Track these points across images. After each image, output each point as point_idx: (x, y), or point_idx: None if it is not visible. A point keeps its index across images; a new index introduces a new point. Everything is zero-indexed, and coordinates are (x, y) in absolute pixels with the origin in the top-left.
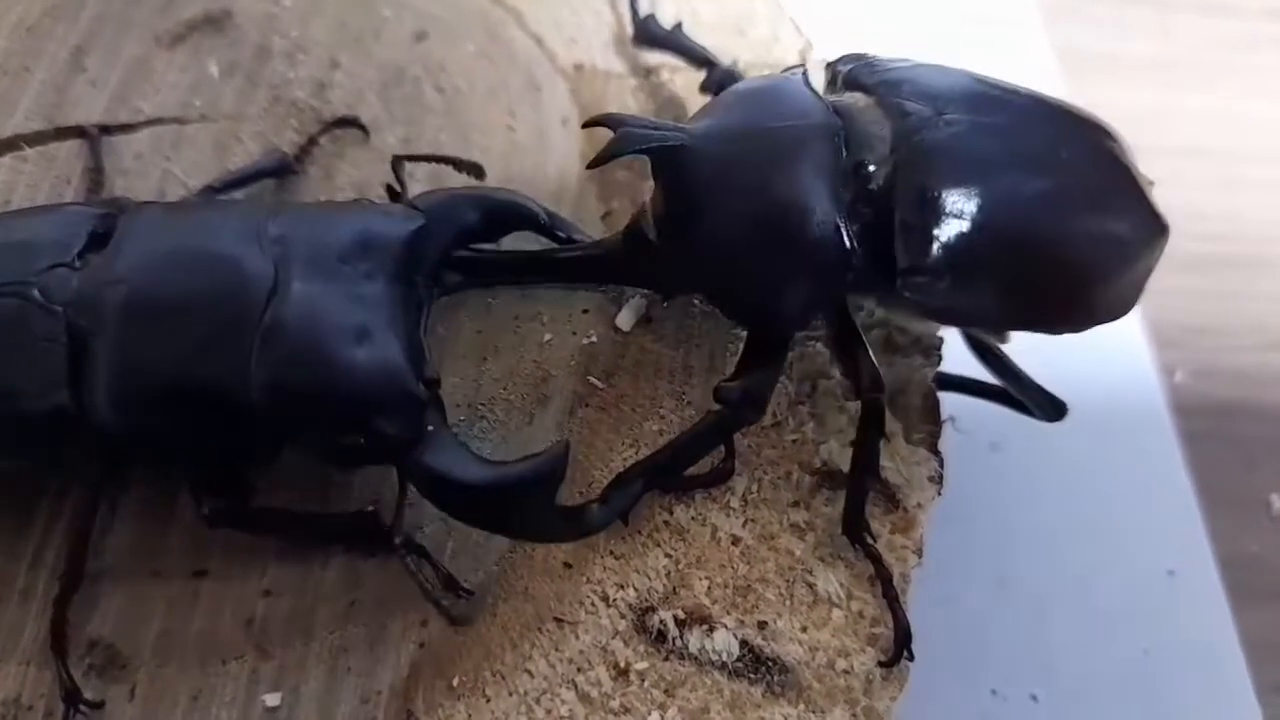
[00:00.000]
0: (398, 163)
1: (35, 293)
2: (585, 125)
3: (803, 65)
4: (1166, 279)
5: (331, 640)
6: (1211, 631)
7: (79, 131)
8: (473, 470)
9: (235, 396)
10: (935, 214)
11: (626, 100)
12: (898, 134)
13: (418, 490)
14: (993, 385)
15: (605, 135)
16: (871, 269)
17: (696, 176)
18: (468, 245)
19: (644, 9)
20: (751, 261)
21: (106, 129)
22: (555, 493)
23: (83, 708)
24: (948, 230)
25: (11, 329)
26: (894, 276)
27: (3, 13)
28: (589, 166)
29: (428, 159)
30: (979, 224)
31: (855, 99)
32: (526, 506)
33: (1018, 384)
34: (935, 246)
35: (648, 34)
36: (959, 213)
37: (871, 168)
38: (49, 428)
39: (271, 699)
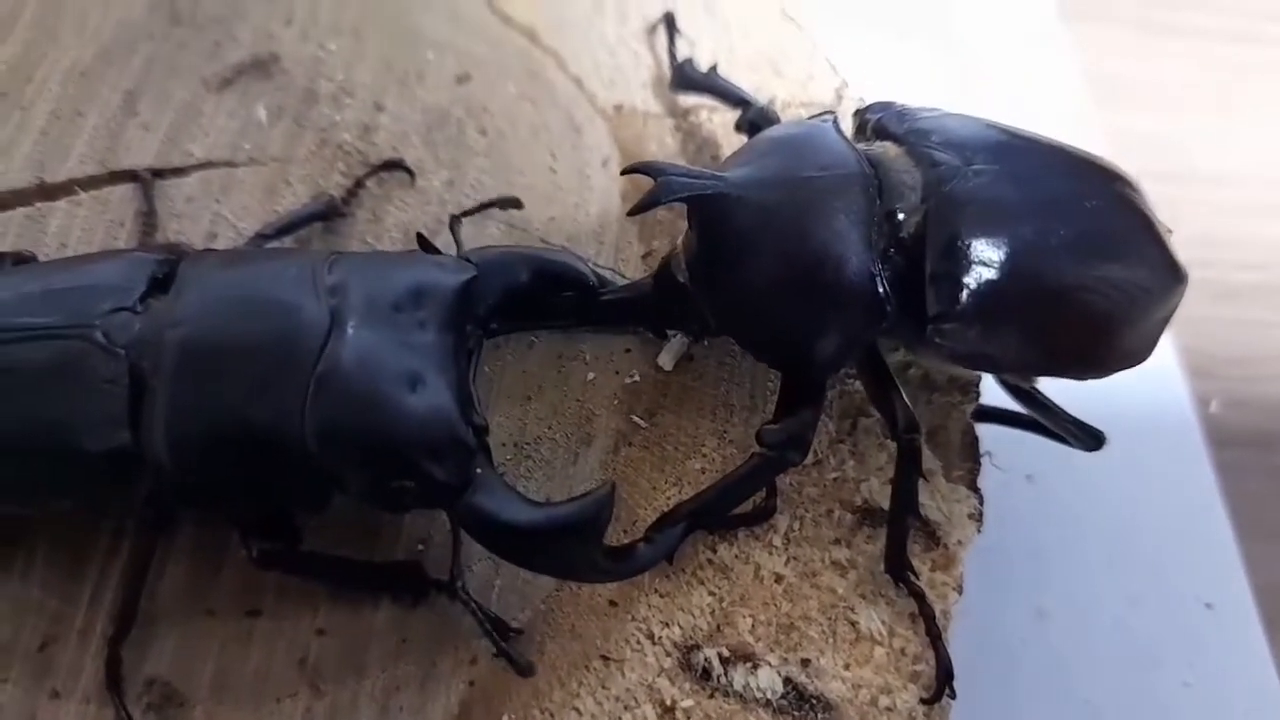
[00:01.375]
0: (455, 222)
1: (98, 335)
2: (624, 172)
3: (833, 112)
4: (1201, 308)
5: (383, 678)
6: (1250, 663)
7: (131, 176)
8: (521, 513)
9: (289, 440)
10: (965, 263)
11: (665, 140)
12: (928, 183)
13: (467, 532)
14: (1032, 416)
15: (647, 176)
16: (902, 316)
17: (733, 224)
18: (516, 301)
19: (681, 52)
20: (786, 308)
21: (158, 173)
22: (602, 534)
23: None
24: (977, 280)
25: (74, 370)
26: (924, 323)
27: (57, 59)
28: (629, 214)
29: (476, 210)
30: (1007, 273)
31: (886, 148)
32: (574, 547)
33: (1053, 418)
34: (965, 295)
35: (685, 78)
36: (988, 262)
37: (902, 216)
38: (109, 468)
39: None
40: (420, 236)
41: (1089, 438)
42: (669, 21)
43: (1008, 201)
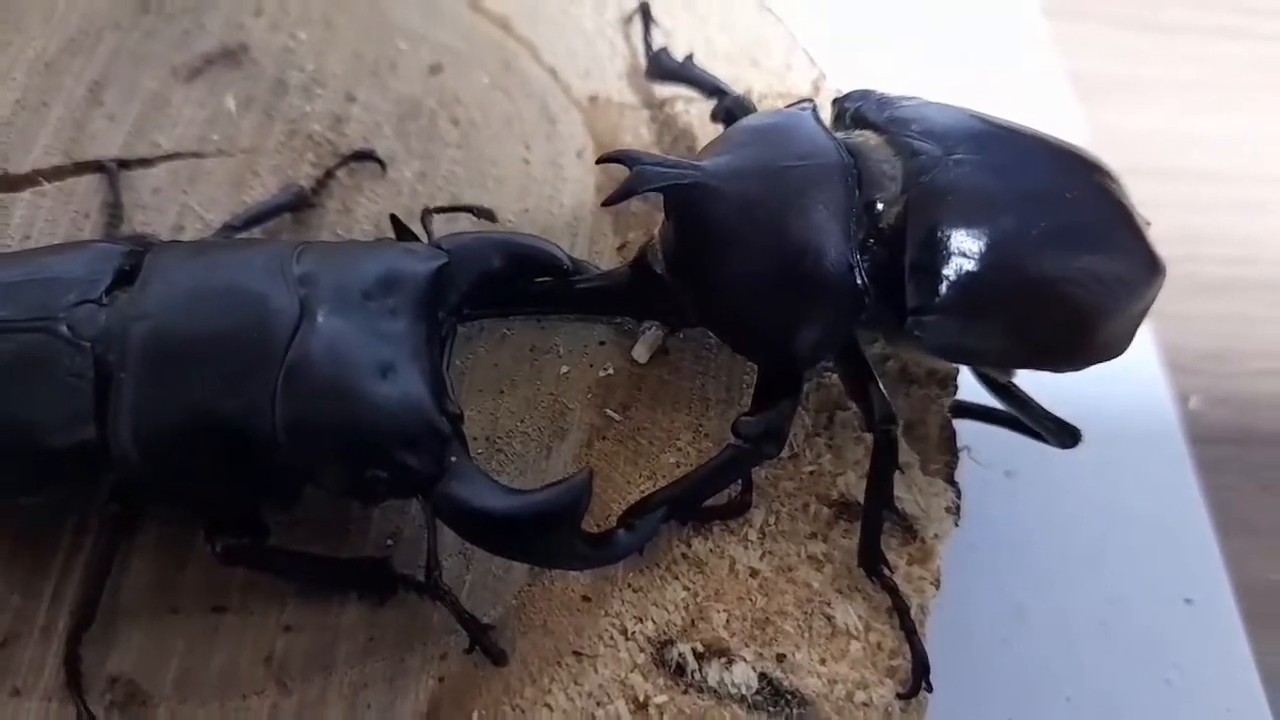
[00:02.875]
0: (427, 215)
1: (63, 328)
2: (599, 161)
3: (812, 100)
4: (1181, 304)
5: (352, 675)
6: (1231, 660)
7: (97, 166)
8: (498, 499)
9: (259, 433)
10: (945, 255)
11: (641, 131)
12: (908, 173)
13: (443, 521)
14: (1009, 413)
15: (621, 168)
16: (881, 307)
17: (710, 214)
18: (490, 287)
19: (657, 41)
20: (764, 300)
21: (124, 164)
22: (580, 520)
23: None
24: (956, 271)
25: (38, 364)
26: (903, 315)
27: (22, 48)
28: (604, 204)
29: (452, 209)
30: (987, 265)
31: (865, 137)
32: (552, 534)
33: (1030, 414)
34: (944, 287)
35: (660, 67)
36: (968, 254)
37: (882, 207)
38: (74, 463)
39: None
40: (395, 218)
41: (1065, 434)
42: (645, 11)
43: (988, 192)
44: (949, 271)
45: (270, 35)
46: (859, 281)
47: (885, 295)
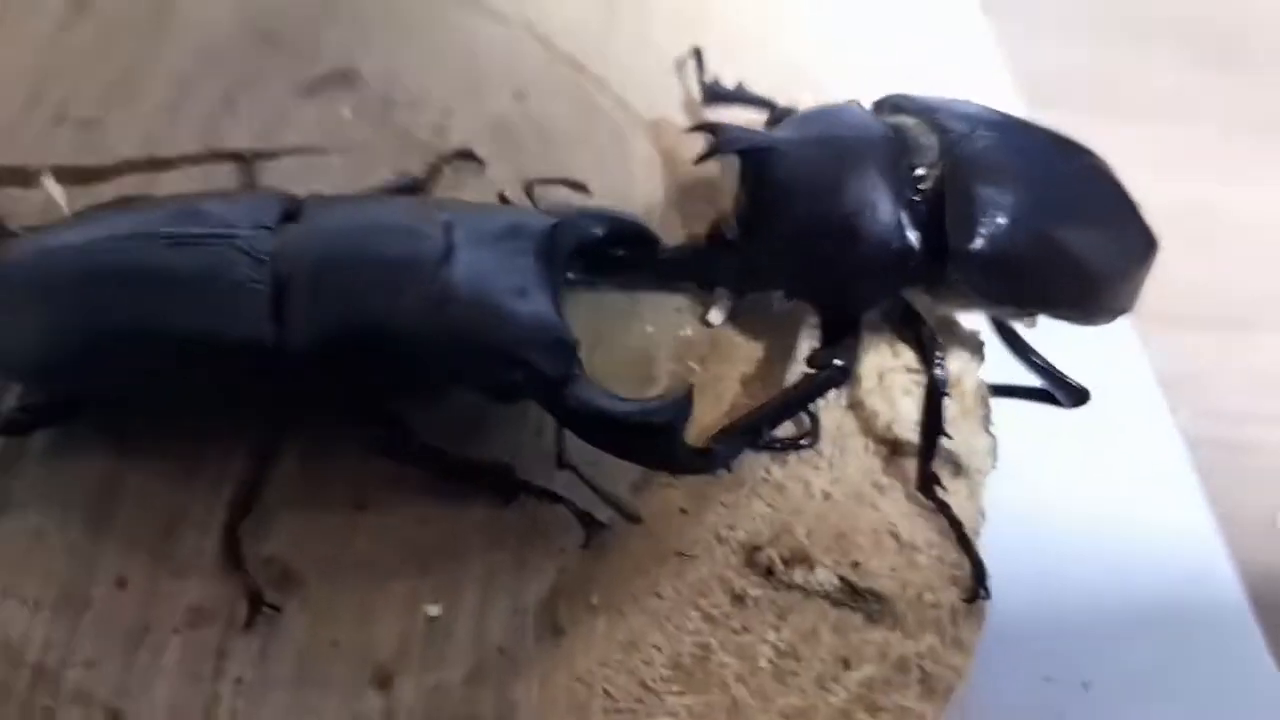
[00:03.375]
0: (529, 186)
1: (244, 243)
2: (690, 130)
3: (856, 100)
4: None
5: (483, 562)
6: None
7: (233, 155)
8: (617, 404)
9: (418, 336)
10: (978, 207)
11: (697, 148)
12: (943, 146)
13: (567, 424)
14: (1022, 386)
15: (684, 175)
16: (925, 256)
17: (781, 174)
18: (588, 252)
19: (708, 77)
20: (828, 249)
21: (257, 154)
22: (684, 423)
23: (265, 610)
24: (988, 220)
25: (222, 271)
26: (943, 262)
27: (160, 66)
28: (695, 162)
29: (549, 181)
30: (1012, 216)
31: (903, 120)
32: (661, 437)
33: (1044, 373)
34: (978, 233)
35: (714, 93)
36: (997, 205)
37: (922, 171)
38: (252, 358)
39: (432, 609)
40: (502, 195)
41: (1074, 392)
42: (698, 54)
43: (1009, 162)
44: (982, 220)
45: (376, 63)
46: (907, 232)
47: (928, 245)
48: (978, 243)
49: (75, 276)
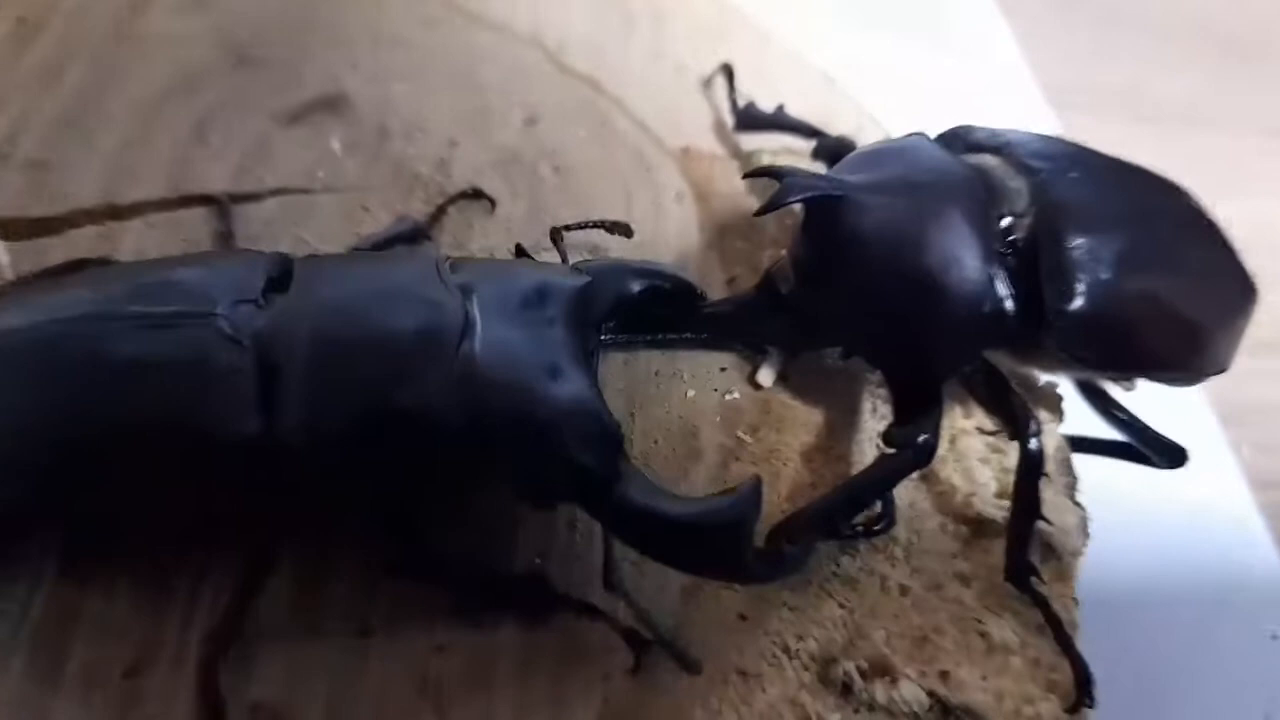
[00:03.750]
0: (556, 234)
1: (223, 325)
2: (745, 176)
3: (922, 132)
4: None
5: (512, 697)
6: None
7: (205, 199)
8: (676, 506)
9: (435, 424)
10: (1078, 262)
11: (733, 181)
12: (1034, 189)
13: (613, 527)
14: (1111, 441)
15: (720, 208)
16: (1018, 317)
17: (854, 226)
18: (624, 311)
19: (741, 99)
20: (909, 310)
21: (234, 198)
22: (754, 527)
23: None
24: (1089, 276)
25: (198, 358)
26: (1037, 324)
27: (121, 88)
28: (756, 214)
29: (582, 226)
30: (1115, 273)
31: (983, 159)
32: (727, 543)
33: (1138, 434)
34: (1078, 292)
35: (750, 118)
36: (1098, 260)
37: (1011, 220)
38: (237, 457)
39: None
40: (520, 248)
41: (1171, 453)
42: (728, 71)
43: (1108, 206)
44: (1081, 276)
45: (366, 86)
46: (999, 290)
47: (1019, 304)
48: (1077, 303)
49: (18, 367)
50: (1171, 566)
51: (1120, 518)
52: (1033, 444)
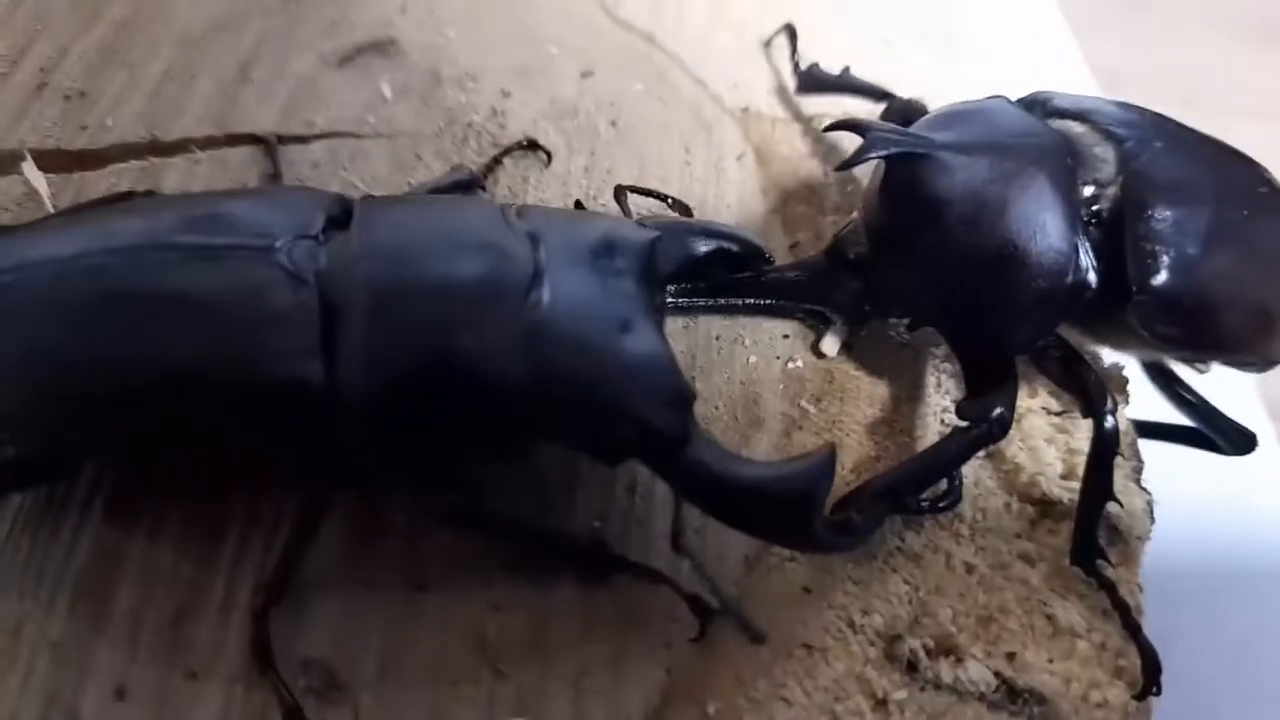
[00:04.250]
0: (620, 192)
1: (283, 259)
2: (828, 129)
3: (1003, 95)
4: None
5: (572, 660)
6: None
7: (253, 139)
8: (748, 469)
9: (501, 378)
10: (1164, 235)
11: (795, 144)
12: (1121, 158)
13: (682, 488)
14: (1180, 427)
15: (782, 171)
16: (1099, 290)
17: (939, 187)
18: (691, 272)
19: (804, 60)
20: (989, 278)
21: (281, 139)
22: (827, 494)
23: None
24: (1175, 250)
25: (256, 295)
26: (1119, 298)
27: (167, 24)
28: (837, 169)
29: (647, 193)
30: (1202, 246)
31: (1068, 125)
32: (796, 510)
33: (1207, 418)
34: (1164, 266)
35: (814, 80)
36: (1185, 234)
37: (1096, 189)
38: (292, 406)
39: None
40: (579, 204)
41: (1241, 439)
42: (791, 32)
43: (1195, 179)
44: (1168, 249)
45: (418, 32)
46: (1082, 262)
47: (1101, 277)
48: (1163, 278)
49: (62, 299)
50: (1220, 558)
51: (1169, 509)
52: (1108, 421)
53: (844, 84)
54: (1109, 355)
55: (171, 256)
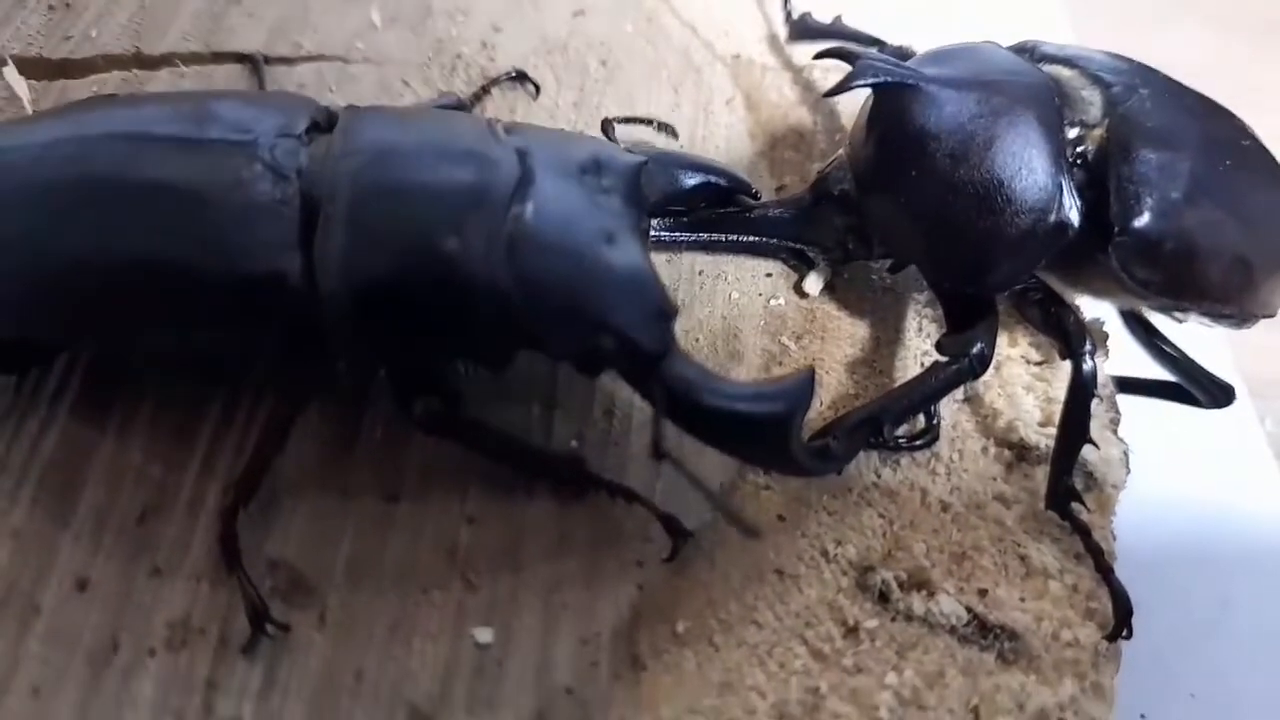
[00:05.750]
0: (607, 124)
1: (265, 154)
2: (818, 56)
3: (993, 41)
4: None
5: (544, 574)
6: None
7: (239, 57)
8: (728, 385)
9: (483, 281)
10: (1147, 177)
11: (785, 91)
12: (1107, 101)
13: (660, 404)
14: (1158, 381)
15: (771, 117)
16: (1081, 231)
17: (926, 119)
18: (676, 203)
19: (797, 8)
20: (974, 213)
21: (268, 59)
22: (804, 415)
23: (270, 629)
24: (1161, 195)
25: (238, 187)
26: (1100, 239)
27: None
28: (826, 95)
29: (632, 120)
30: (1186, 193)
31: (1057, 69)
32: (775, 429)
33: (1185, 371)
34: (1146, 208)
35: (805, 28)
36: (1168, 178)
37: (1082, 131)
38: (272, 293)
39: (482, 634)
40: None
41: (1219, 391)
42: None
43: (1180, 127)
44: (1151, 193)
45: None
46: (1066, 202)
47: (1084, 217)
48: (1145, 220)
49: (40, 184)
50: (1192, 530)
51: (1141, 482)
52: (1087, 363)
53: (835, 32)
54: (1089, 309)
55: (152, 146)
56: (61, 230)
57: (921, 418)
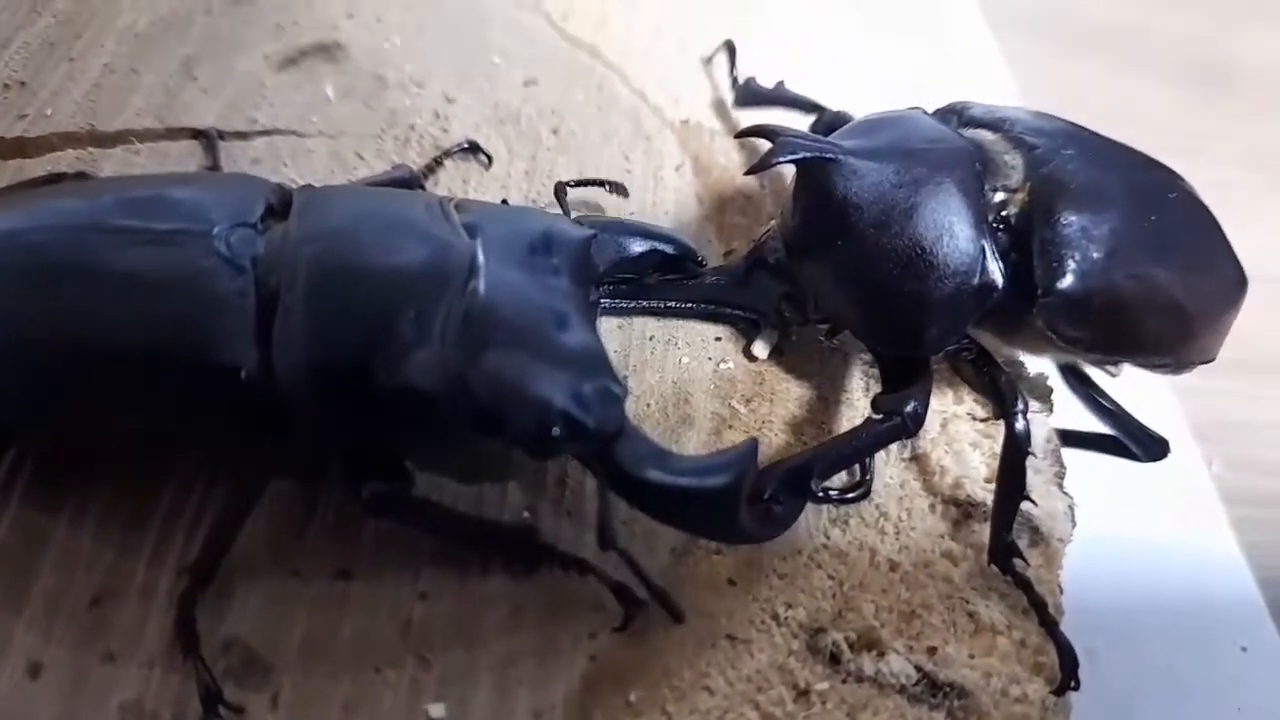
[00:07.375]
0: (560, 188)
1: (220, 246)
2: (739, 135)
3: (920, 107)
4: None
5: (498, 648)
6: None
7: (193, 133)
8: (676, 463)
9: (435, 366)
10: (1070, 238)
11: (732, 154)
12: (1029, 164)
13: (611, 484)
14: (1096, 434)
15: (719, 181)
16: (1007, 294)
17: (846, 191)
18: (624, 272)
19: (741, 74)
20: (898, 280)
21: (223, 134)
22: (749, 486)
23: (223, 711)
24: (1081, 254)
25: (193, 280)
26: (1026, 301)
27: (111, 18)
28: (746, 173)
29: (584, 184)
30: (1108, 251)
31: (980, 134)
32: (721, 502)
33: (1120, 422)
34: (1070, 268)
35: (751, 94)
36: (1091, 238)
37: (1005, 195)
38: (226, 387)
39: (436, 710)
40: (504, 202)
41: (1154, 444)
42: (730, 48)
43: (1104, 185)
44: (1074, 254)
45: (363, 36)
46: (992, 263)
47: (1009, 280)
48: (1068, 281)
49: None
50: (1142, 576)
51: (1090, 528)
52: (1019, 422)
53: (778, 98)
54: (1032, 365)
55: (109, 238)
56: (18, 320)
57: (857, 471)
